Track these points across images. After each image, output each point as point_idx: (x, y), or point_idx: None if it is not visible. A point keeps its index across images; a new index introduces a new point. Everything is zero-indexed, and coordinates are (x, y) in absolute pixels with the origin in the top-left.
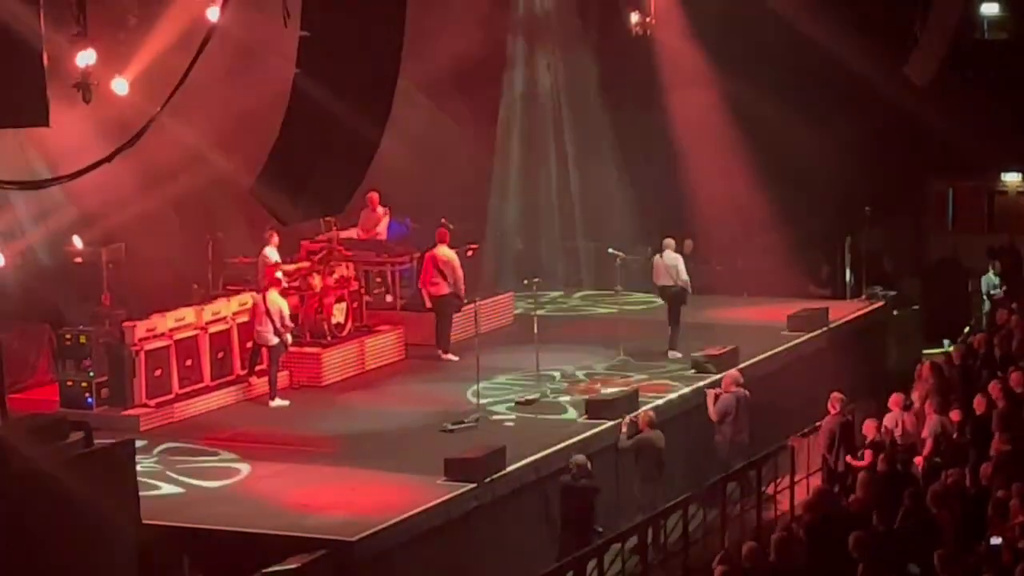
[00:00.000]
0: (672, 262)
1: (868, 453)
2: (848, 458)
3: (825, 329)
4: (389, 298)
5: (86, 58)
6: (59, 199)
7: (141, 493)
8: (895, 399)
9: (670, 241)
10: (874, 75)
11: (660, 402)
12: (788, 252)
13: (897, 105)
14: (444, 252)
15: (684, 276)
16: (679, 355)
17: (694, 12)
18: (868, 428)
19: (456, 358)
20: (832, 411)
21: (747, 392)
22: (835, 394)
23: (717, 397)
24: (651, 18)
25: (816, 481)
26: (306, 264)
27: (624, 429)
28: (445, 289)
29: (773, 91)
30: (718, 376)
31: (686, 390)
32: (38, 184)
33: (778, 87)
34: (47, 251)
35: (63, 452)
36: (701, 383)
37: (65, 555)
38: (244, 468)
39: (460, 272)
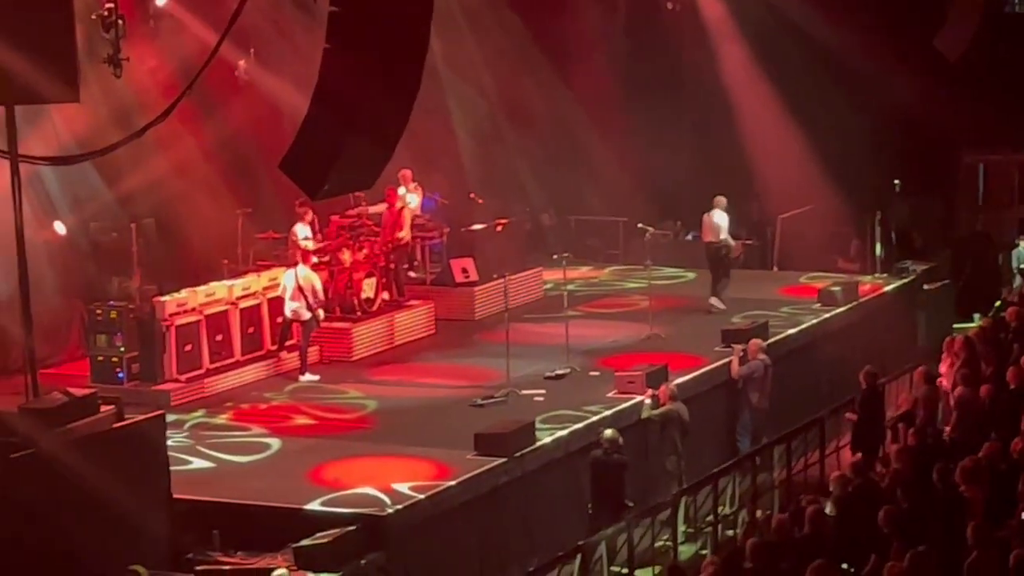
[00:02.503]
0: (718, 220)
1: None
2: (847, 415)
3: (855, 303)
4: (412, 274)
5: (117, 33)
6: (90, 175)
7: (172, 468)
8: (920, 373)
9: (721, 199)
10: (905, 49)
11: (688, 377)
12: (818, 227)
13: (928, 79)
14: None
15: (724, 234)
16: (723, 306)
17: None
18: (899, 403)
19: None
20: (864, 384)
21: (770, 360)
22: (867, 367)
23: (742, 357)
24: None
25: (846, 455)
26: (333, 241)
27: (647, 401)
28: None
29: (803, 66)
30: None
31: (714, 365)
32: (69, 159)
33: (808, 61)
34: (78, 227)
35: (94, 427)
36: (729, 358)
37: (97, 529)
38: (274, 443)
39: None
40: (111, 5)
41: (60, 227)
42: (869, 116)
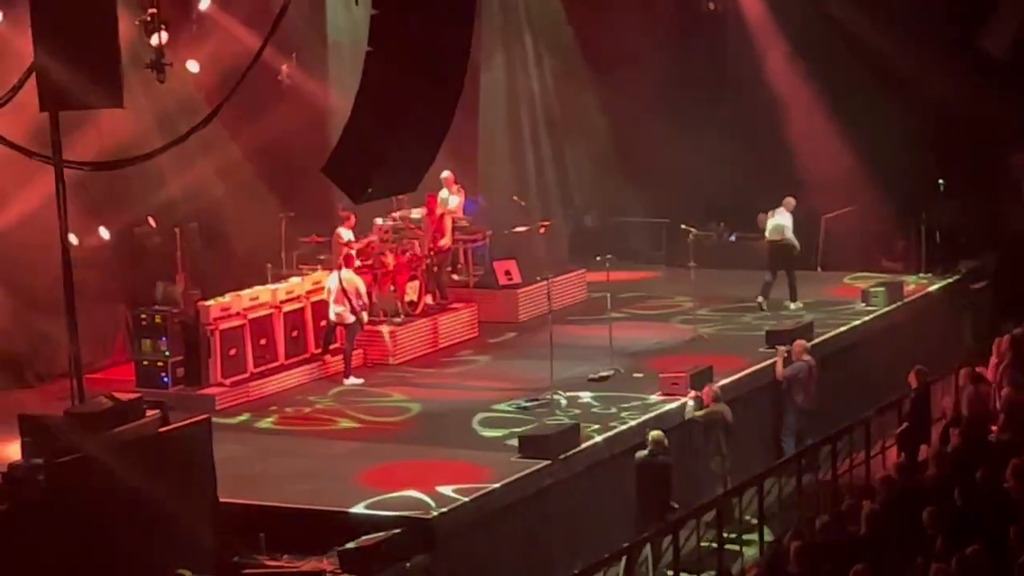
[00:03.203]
0: (783, 220)
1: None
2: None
3: (900, 303)
4: (456, 277)
5: (160, 38)
6: (134, 180)
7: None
8: (965, 373)
9: (790, 200)
10: (949, 47)
11: (733, 378)
12: (862, 226)
13: (973, 77)
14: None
15: (789, 234)
16: (801, 304)
17: None
18: (944, 403)
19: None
20: (915, 383)
21: (814, 362)
22: (918, 367)
23: (787, 358)
24: None
25: (892, 456)
26: (375, 241)
27: (690, 403)
28: None
29: (846, 65)
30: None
31: (758, 366)
32: (113, 165)
33: (851, 60)
34: (123, 232)
35: (139, 431)
36: (773, 359)
37: (143, 533)
38: (320, 446)
39: None
40: (154, 10)
41: (104, 232)
42: (913, 115)
